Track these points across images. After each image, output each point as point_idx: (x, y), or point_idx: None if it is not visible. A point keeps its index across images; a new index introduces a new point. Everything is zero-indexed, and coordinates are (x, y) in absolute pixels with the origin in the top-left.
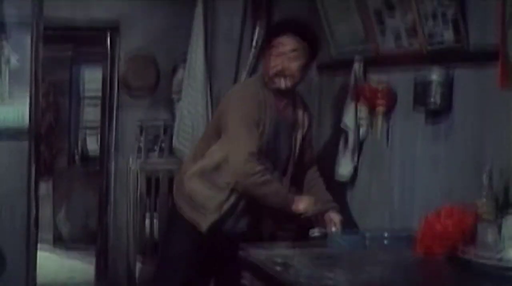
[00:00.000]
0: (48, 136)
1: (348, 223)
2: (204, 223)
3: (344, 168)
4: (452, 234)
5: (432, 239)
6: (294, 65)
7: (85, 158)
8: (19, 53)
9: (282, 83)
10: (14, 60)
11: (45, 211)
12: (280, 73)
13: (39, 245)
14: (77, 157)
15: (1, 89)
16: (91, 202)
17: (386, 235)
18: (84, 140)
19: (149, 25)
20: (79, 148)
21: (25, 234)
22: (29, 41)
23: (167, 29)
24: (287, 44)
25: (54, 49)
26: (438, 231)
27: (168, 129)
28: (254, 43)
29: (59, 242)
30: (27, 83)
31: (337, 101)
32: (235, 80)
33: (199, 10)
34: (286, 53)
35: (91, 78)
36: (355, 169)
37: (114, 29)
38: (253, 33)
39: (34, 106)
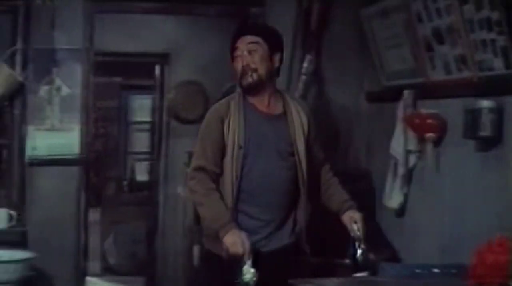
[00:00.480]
0: (97, 163)
1: (398, 252)
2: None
3: (394, 196)
4: (504, 265)
5: (484, 270)
6: (255, 57)
7: (134, 185)
8: (69, 80)
9: (249, 78)
10: (65, 87)
11: (93, 239)
12: (246, 69)
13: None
14: (125, 184)
15: (52, 116)
16: (139, 230)
17: (436, 264)
18: (133, 167)
19: (198, 55)
20: (128, 175)
21: (74, 261)
22: (79, 68)
23: (216, 59)
24: (244, 41)
25: (104, 76)
26: (490, 262)
27: None
28: (304, 70)
29: (107, 270)
30: (78, 110)
31: (386, 129)
32: None
33: None
34: (246, 48)
35: (140, 106)
36: (405, 197)
37: (164, 58)
38: (302, 62)
39: (84, 134)
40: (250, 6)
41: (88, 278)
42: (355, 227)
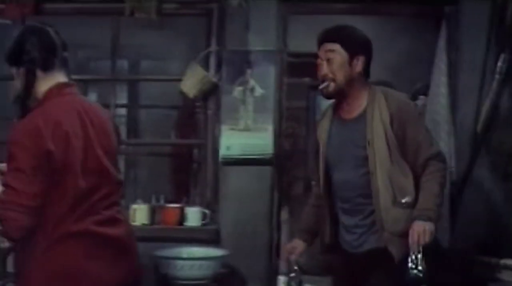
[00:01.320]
0: (286, 163)
1: None
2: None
3: None
4: None
5: None
6: (333, 66)
7: None
8: (263, 81)
9: (328, 88)
10: (258, 88)
11: (284, 238)
12: (324, 78)
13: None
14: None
15: (246, 116)
16: None
17: None
18: None
19: (389, 55)
20: None
21: (266, 260)
22: (273, 69)
23: (408, 58)
24: (322, 49)
25: (293, 76)
26: None
27: None
28: (498, 69)
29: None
30: (271, 111)
31: None
32: (478, 107)
33: (442, 38)
34: (324, 57)
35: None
36: None
37: None
38: (497, 60)
39: (278, 134)
40: (443, 5)
41: (280, 277)
42: (413, 239)
